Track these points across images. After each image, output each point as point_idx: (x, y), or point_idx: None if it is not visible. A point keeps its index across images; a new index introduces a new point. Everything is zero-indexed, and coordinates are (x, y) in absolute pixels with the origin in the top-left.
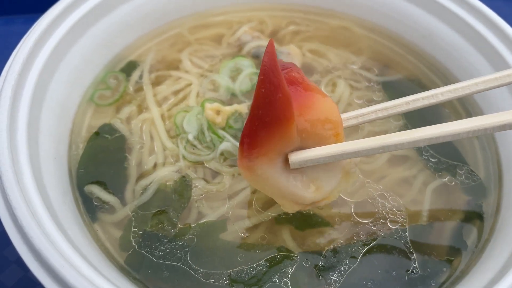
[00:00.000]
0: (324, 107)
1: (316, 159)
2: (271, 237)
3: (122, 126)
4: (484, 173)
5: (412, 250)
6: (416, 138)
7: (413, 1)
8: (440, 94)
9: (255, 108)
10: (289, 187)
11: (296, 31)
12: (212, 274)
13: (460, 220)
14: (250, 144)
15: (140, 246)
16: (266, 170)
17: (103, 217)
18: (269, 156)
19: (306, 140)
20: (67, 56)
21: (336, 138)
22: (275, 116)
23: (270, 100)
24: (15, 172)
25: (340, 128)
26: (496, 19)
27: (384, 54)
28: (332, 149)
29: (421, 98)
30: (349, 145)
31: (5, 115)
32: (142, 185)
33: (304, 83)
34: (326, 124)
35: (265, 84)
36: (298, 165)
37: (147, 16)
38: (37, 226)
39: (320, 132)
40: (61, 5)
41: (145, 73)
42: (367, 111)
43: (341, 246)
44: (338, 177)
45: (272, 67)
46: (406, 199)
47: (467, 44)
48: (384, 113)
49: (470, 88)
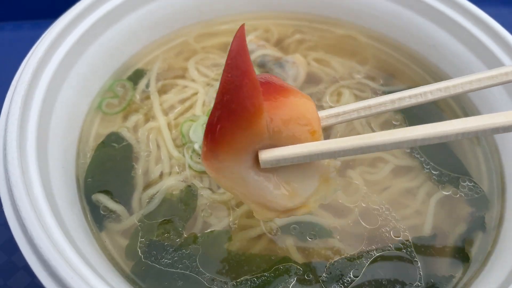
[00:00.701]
0: (299, 102)
1: (290, 158)
2: (275, 248)
3: (129, 135)
4: (488, 185)
5: (416, 262)
6: (400, 139)
7: (419, 11)
8: (430, 92)
9: (220, 94)
10: (259, 188)
11: (302, 40)
12: (216, 283)
13: (463, 232)
14: (214, 134)
15: (146, 255)
16: (232, 167)
17: (110, 226)
18: (236, 150)
19: (278, 136)
20: (76, 65)
21: (313, 136)
22: (241, 104)
23: (236, 86)
24: (25, 183)
25: (317, 125)
26: (502, 32)
27: (389, 63)
28: (307, 148)
29: (408, 97)
30: (326, 144)
31: (15, 125)
32: (149, 194)
33: (280, 81)
34: (301, 120)
35: (231, 69)
36: (270, 165)
37: (154, 25)
38: (46, 237)
39: (294, 128)
40: (70, 15)
41: (152, 82)
42: (349, 109)
43: (345, 257)
44: (315, 182)
45: (240, 52)
46: (409, 210)
47: (472, 55)
48: (367, 111)
49: (463, 86)
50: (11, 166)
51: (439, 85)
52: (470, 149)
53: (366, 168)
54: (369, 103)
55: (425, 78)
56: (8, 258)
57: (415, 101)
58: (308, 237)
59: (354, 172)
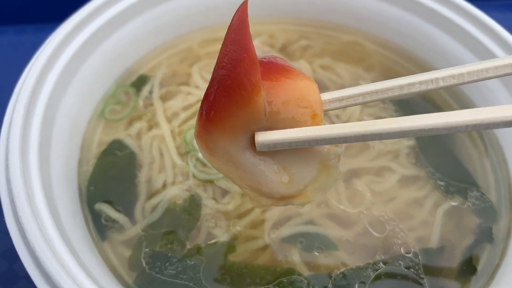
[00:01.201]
0: (300, 83)
1: (287, 142)
2: (279, 259)
3: (132, 142)
4: (496, 196)
5: (422, 274)
6: (405, 128)
7: (425, 18)
8: (441, 79)
9: (217, 69)
10: (254, 172)
11: (307, 46)
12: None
13: (470, 244)
14: (208, 110)
15: (149, 266)
16: (227, 147)
17: (112, 236)
18: (231, 129)
19: (276, 118)
20: (79, 71)
21: (313, 120)
22: (237, 80)
23: (233, 61)
24: (27, 193)
25: (319, 109)
26: (510, 39)
27: (395, 70)
28: (306, 132)
29: (418, 82)
30: (326, 129)
31: (17, 134)
32: (152, 204)
33: (282, 62)
34: (301, 102)
35: (230, 43)
36: (266, 148)
37: (158, 30)
38: (48, 249)
39: (294, 110)
40: (73, 21)
41: (156, 88)
42: (353, 93)
43: (351, 269)
44: (314, 169)
45: (240, 26)
46: (416, 220)
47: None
48: (373, 96)
49: (478, 74)
50: (13, 176)
51: (452, 71)
52: (478, 160)
53: (372, 178)
54: (376, 88)
55: None
56: (10, 266)
57: (425, 88)
58: (313, 249)
59: (360, 182)
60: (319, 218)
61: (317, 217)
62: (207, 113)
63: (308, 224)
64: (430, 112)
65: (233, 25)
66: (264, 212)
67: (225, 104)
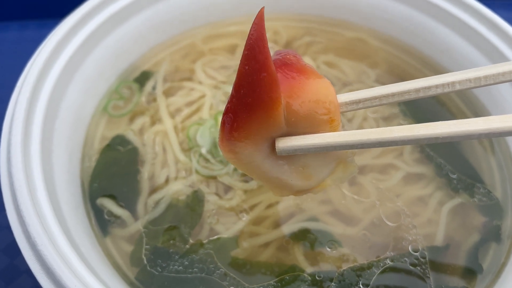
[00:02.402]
0: (318, 88)
1: (306, 148)
2: (283, 256)
3: (135, 138)
4: (501, 194)
5: (427, 273)
6: (420, 136)
7: (431, 15)
8: (458, 83)
9: (237, 87)
10: (275, 172)
11: (311, 42)
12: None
13: (476, 242)
14: (231, 126)
15: (151, 262)
16: (249, 154)
17: (114, 231)
18: (253, 140)
19: (296, 125)
20: (82, 66)
21: (331, 125)
22: (258, 98)
23: (253, 80)
24: (29, 188)
25: (336, 114)
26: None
27: (400, 67)
28: (325, 139)
29: (435, 86)
30: (344, 136)
31: (19, 127)
32: (154, 199)
33: (298, 64)
34: (320, 108)
35: (249, 61)
36: (286, 153)
37: (161, 26)
38: (50, 243)
39: (312, 116)
40: (76, 16)
41: (159, 84)
42: (370, 96)
43: (355, 267)
44: (331, 166)
45: (258, 42)
46: (421, 219)
47: (486, 60)
48: (390, 99)
49: (495, 78)
50: (15, 169)
51: (468, 74)
52: (483, 157)
53: (377, 175)
54: (392, 90)
55: None
56: (11, 261)
57: (441, 91)
58: (317, 245)
59: (365, 179)
60: (323, 214)
61: (321, 213)
62: (230, 126)
63: (312, 221)
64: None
65: (251, 40)
66: (267, 208)
67: (247, 118)
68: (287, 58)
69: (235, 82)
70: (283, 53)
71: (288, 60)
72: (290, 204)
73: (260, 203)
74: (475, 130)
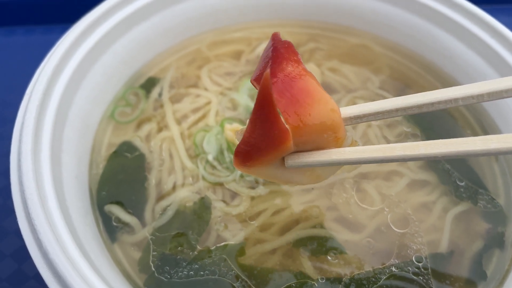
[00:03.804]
0: (322, 112)
1: (313, 164)
2: (289, 262)
3: (142, 145)
4: (505, 200)
5: (431, 280)
6: (421, 155)
7: (434, 21)
8: (461, 99)
9: (251, 134)
10: (286, 177)
11: (315, 49)
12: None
13: (480, 248)
14: (244, 160)
15: (158, 269)
16: (262, 170)
17: (122, 237)
18: (265, 164)
19: (303, 145)
20: (89, 73)
21: (336, 142)
22: (271, 145)
23: (265, 135)
24: (40, 196)
25: (341, 132)
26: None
27: (403, 73)
28: (331, 156)
29: (437, 102)
30: (349, 153)
31: (29, 135)
32: (162, 206)
33: (302, 79)
34: (325, 130)
35: (259, 122)
36: (295, 167)
37: (167, 33)
38: (60, 251)
39: (319, 137)
40: (83, 23)
41: (165, 90)
42: (374, 110)
43: (361, 274)
44: (337, 168)
45: (266, 105)
46: (425, 225)
47: (489, 67)
48: (393, 114)
49: (497, 95)
50: (25, 178)
51: (472, 90)
52: (487, 164)
53: (382, 182)
54: (395, 106)
55: None
56: (19, 266)
57: (443, 107)
58: (323, 252)
59: (369, 186)
60: (328, 221)
61: (326, 220)
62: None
63: (317, 228)
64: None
65: (259, 104)
66: (274, 215)
67: (259, 157)
68: (289, 71)
69: (248, 129)
70: (281, 57)
71: (289, 74)
72: (296, 211)
73: (267, 210)
74: (474, 151)
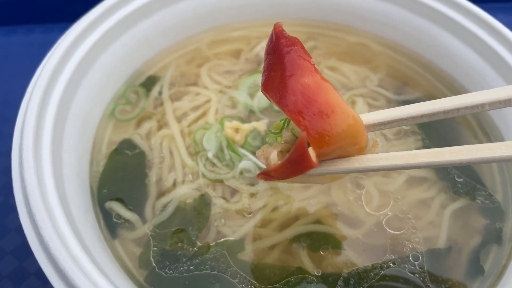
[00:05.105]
0: (345, 127)
1: (336, 172)
2: (288, 258)
3: (142, 142)
4: (502, 196)
5: (428, 275)
6: (446, 161)
7: (432, 20)
8: (488, 104)
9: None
10: (303, 179)
11: (314, 47)
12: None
13: (478, 244)
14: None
15: (159, 264)
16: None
17: (123, 234)
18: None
19: (327, 156)
20: (90, 72)
21: (359, 151)
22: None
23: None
24: (41, 192)
25: (364, 141)
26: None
27: (402, 72)
28: (354, 164)
29: (464, 108)
30: (370, 161)
31: (31, 133)
32: (162, 203)
33: (321, 91)
34: (348, 144)
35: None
36: (317, 175)
37: (167, 31)
38: (62, 246)
39: (342, 149)
40: (84, 22)
41: (165, 88)
42: (399, 117)
43: (359, 269)
44: None
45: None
46: (423, 221)
47: (487, 65)
48: (417, 120)
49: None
50: (27, 174)
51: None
52: None
53: (381, 178)
54: (420, 112)
55: (439, 88)
56: (19, 263)
57: (469, 112)
58: (321, 248)
59: (368, 182)
60: (327, 217)
61: (325, 216)
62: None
63: (316, 224)
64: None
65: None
66: (273, 211)
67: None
68: (307, 85)
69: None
70: (296, 66)
71: (308, 87)
72: (295, 207)
73: (266, 206)
74: (500, 157)
